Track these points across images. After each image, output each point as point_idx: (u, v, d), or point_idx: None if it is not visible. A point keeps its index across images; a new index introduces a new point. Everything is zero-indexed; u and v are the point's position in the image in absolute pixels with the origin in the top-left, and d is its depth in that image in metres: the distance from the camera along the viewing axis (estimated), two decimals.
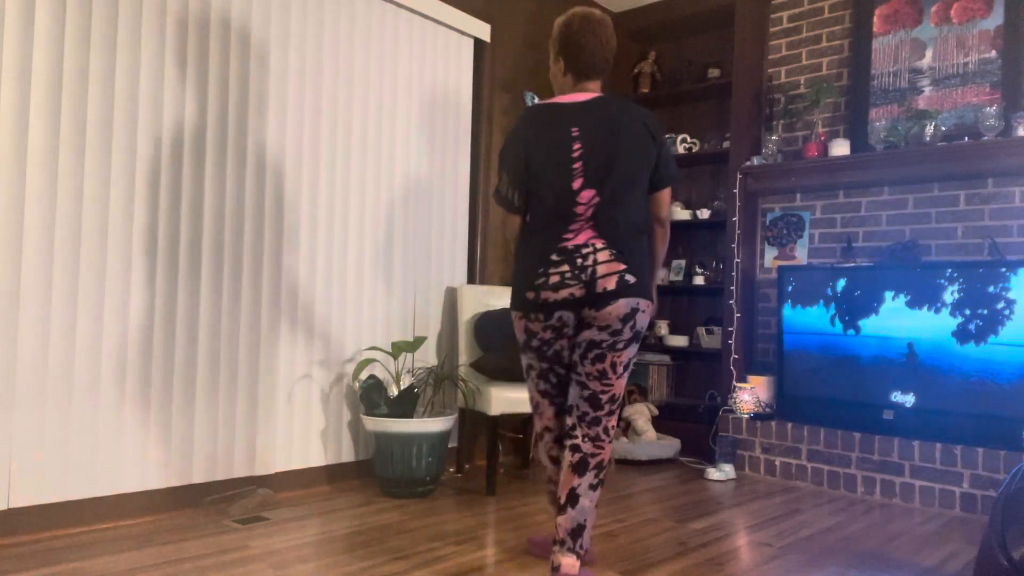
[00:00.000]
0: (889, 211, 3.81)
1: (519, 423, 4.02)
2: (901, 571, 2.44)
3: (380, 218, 3.55)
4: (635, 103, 2.59)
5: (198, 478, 2.89)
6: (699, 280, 4.49)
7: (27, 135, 2.47)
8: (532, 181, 2.21)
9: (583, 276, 2.13)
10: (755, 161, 4.06)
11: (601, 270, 2.13)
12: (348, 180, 3.42)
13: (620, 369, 2.20)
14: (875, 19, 3.90)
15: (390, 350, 3.45)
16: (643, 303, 2.18)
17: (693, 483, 3.65)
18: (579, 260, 2.14)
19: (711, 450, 4.04)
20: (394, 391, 3.47)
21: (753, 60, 4.22)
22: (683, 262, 4.66)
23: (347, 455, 3.41)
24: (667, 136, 4.74)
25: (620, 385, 2.22)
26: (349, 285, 3.42)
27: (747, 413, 3.89)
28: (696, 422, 4.33)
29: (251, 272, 3.06)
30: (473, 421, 3.87)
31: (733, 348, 4.10)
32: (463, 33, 3.94)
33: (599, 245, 2.16)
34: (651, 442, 4.07)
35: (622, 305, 2.14)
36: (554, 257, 2.16)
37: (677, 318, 4.79)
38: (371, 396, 3.22)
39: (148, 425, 2.75)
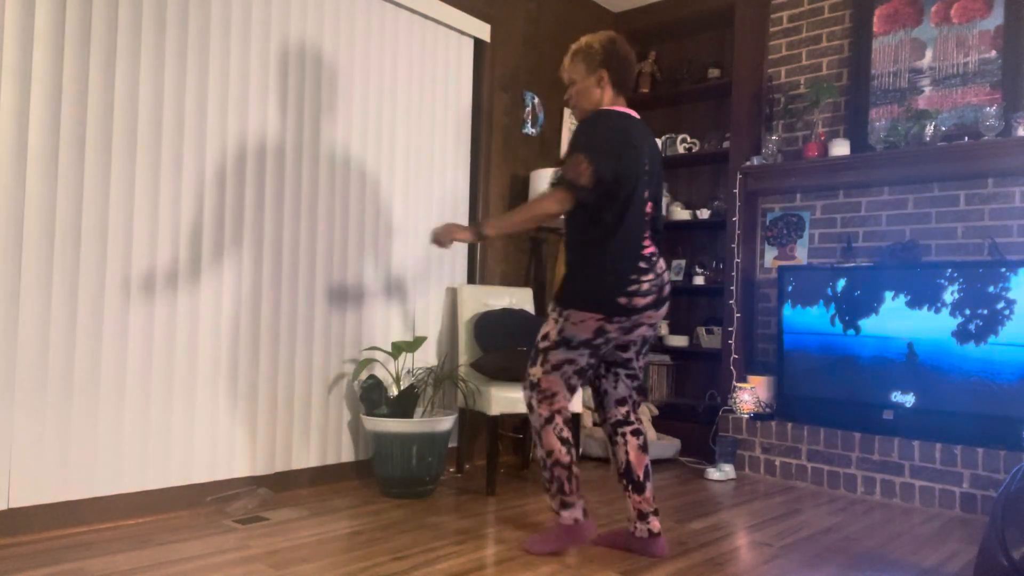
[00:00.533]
0: (889, 211, 3.81)
1: (519, 423, 4.02)
2: (901, 571, 2.44)
3: (380, 217, 3.55)
4: None
5: (198, 478, 2.89)
6: (699, 280, 4.49)
7: (27, 135, 2.47)
8: (621, 188, 2.34)
9: (659, 283, 2.38)
10: (755, 161, 4.06)
11: (666, 278, 2.43)
12: (348, 179, 3.42)
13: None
14: (875, 19, 3.90)
15: (390, 350, 3.45)
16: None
17: (693, 483, 3.65)
18: (658, 269, 2.39)
19: (711, 450, 4.04)
20: (394, 391, 3.47)
21: (753, 60, 4.22)
22: (683, 262, 4.66)
23: (347, 455, 3.41)
24: (667, 136, 4.75)
25: None
26: (349, 285, 3.42)
27: (747, 413, 3.89)
28: (696, 422, 4.33)
29: (251, 272, 3.06)
30: (473, 421, 3.86)
31: (733, 348, 4.10)
32: (463, 33, 3.94)
33: (658, 253, 2.42)
34: (651, 442, 4.07)
35: (666, 307, 2.46)
36: (642, 264, 2.36)
37: (677, 318, 4.79)
38: (371, 396, 3.21)
39: (148, 425, 2.75)
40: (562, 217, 2.46)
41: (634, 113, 2.47)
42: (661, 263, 2.42)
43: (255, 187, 3.07)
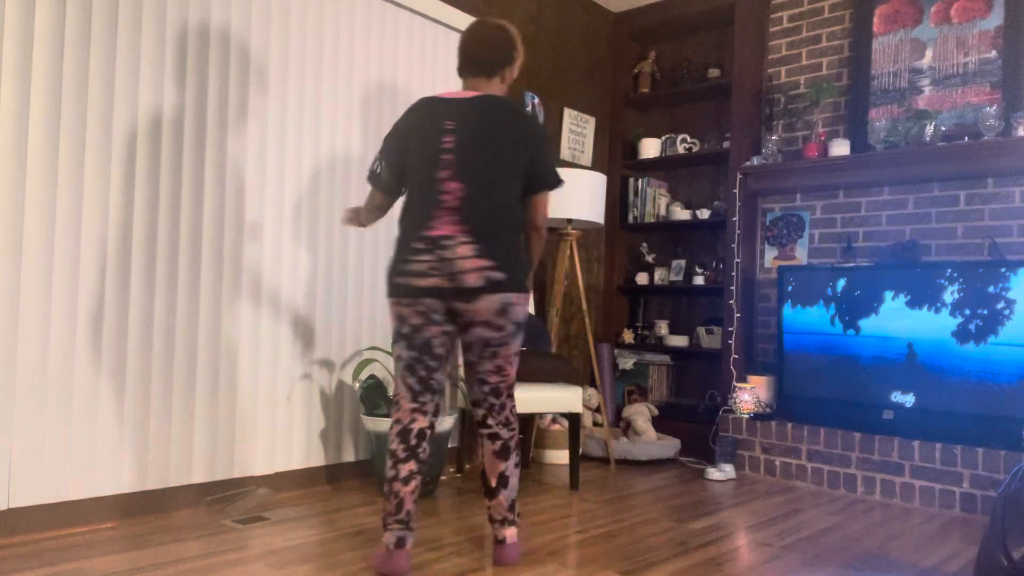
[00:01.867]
0: (889, 211, 3.81)
1: (519, 423, 4.02)
2: (901, 571, 2.44)
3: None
4: (523, 109, 2.76)
5: (198, 478, 2.89)
6: (699, 280, 4.49)
7: (27, 135, 2.47)
8: (406, 168, 2.34)
9: (447, 268, 2.19)
10: (755, 161, 4.06)
11: (465, 265, 2.19)
12: (348, 179, 3.42)
13: (513, 359, 2.35)
14: (875, 19, 3.90)
15: (390, 350, 3.45)
16: (515, 296, 2.26)
17: (693, 483, 3.65)
18: (441, 251, 2.20)
19: (711, 450, 4.04)
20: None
21: (753, 60, 4.22)
22: (683, 262, 4.66)
23: (347, 455, 3.41)
24: (667, 136, 4.74)
25: (514, 373, 2.39)
26: (349, 285, 3.42)
27: (747, 413, 3.89)
28: (696, 422, 4.33)
29: (251, 273, 3.06)
30: (473, 421, 3.86)
31: (733, 348, 4.10)
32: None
33: (462, 238, 2.20)
34: (651, 442, 4.07)
35: (493, 300, 2.21)
36: (418, 245, 2.23)
37: (677, 318, 4.79)
38: (371, 396, 3.22)
39: (148, 425, 2.75)
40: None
41: (469, 93, 2.34)
42: (462, 248, 2.18)
43: (256, 187, 3.07)
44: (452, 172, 2.24)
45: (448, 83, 3.88)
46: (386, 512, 2.24)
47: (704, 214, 4.52)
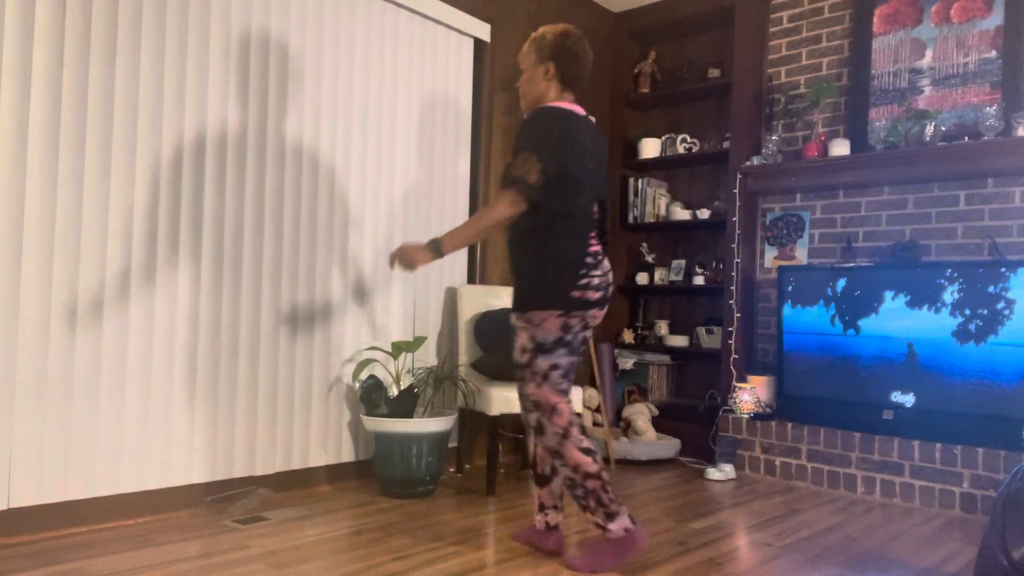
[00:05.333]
0: (889, 211, 3.81)
1: (518, 423, 4.02)
2: (901, 571, 2.44)
3: (380, 217, 3.55)
4: None
5: (198, 478, 2.89)
6: (699, 280, 4.49)
7: (27, 135, 2.47)
8: (565, 184, 2.32)
9: (606, 281, 2.39)
10: (755, 161, 4.06)
11: (611, 278, 2.42)
12: (348, 179, 3.42)
13: None
14: (875, 19, 3.90)
15: (390, 350, 3.45)
16: None
17: (693, 483, 3.65)
18: (604, 267, 2.40)
19: (711, 450, 4.04)
20: (394, 391, 3.47)
21: (753, 60, 4.22)
22: (683, 262, 4.66)
23: (347, 455, 3.41)
24: (667, 136, 4.75)
25: None
26: (349, 285, 3.42)
27: (747, 413, 3.89)
28: (696, 422, 4.33)
29: (251, 273, 3.06)
30: (473, 421, 3.86)
31: (733, 348, 4.10)
32: (463, 33, 3.94)
33: (603, 253, 2.43)
34: (651, 442, 4.07)
35: (606, 308, 2.44)
36: (589, 260, 2.36)
37: (677, 318, 4.79)
38: (371, 396, 3.22)
39: (148, 425, 2.75)
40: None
41: (580, 110, 2.43)
42: (606, 263, 2.42)
43: (256, 186, 3.07)
44: (595, 192, 2.42)
45: (451, 84, 3.88)
46: (607, 503, 2.27)
47: (704, 214, 4.52)
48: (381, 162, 3.56)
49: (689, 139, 4.66)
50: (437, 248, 2.34)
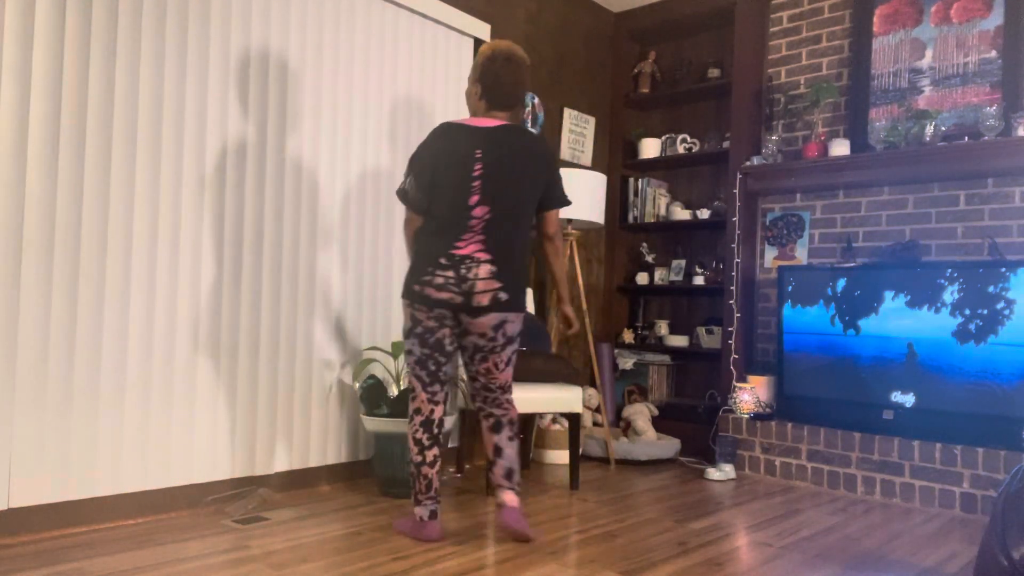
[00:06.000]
0: (889, 211, 3.81)
1: (519, 423, 4.02)
2: (901, 571, 2.44)
3: (380, 217, 3.55)
4: (538, 135, 2.94)
5: (198, 478, 2.89)
6: (699, 280, 4.49)
7: (27, 135, 2.47)
8: (434, 189, 2.50)
9: (463, 286, 2.45)
10: (755, 161, 4.06)
11: (479, 285, 2.46)
12: (348, 180, 3.42)
13: (503, 365, 2.60)
14: (875, 19, 3.90)
15: (390, 350, 3.45)
16: (512, 315, 2.54)
17: (693, 483, 3.65)
18: (463, 270, 2.46)
19: (711, 450, 4.04)
20: (394, 391, 3.47)
21: (753, 60, 4.22)
22: (683, 262, 4.66)
23: (347, 455, 3.41)
24: (667, 136, 4.75)
25: (508, 373, 2.64)
26: (349, 285, 3.42)
27: (747, 413, 3.89)
28: (696, 422, 4.33)
29: (251, 273, 3.06)
30: (473, 421, 3.87)
31: (733, 348, 4.10)
32: (463, 33, 3.94)
33: (482, 259, 2.47)
34: (651, 442, 4.07)
35: (492, 318, 2.50)
36: (442, 260, 2.47)
37: (677, 318, 4.79)
38: (371, 396, 3.22)
39: (148, 425, 2.75)
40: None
41: (492, 122, 2.55)
42: (481, 269, 2.46)
43: (257, 186, 3.08)
44: (480, 197, 2.48)
45: (452, 84, 3.88)
46: (417, 491, 2.55)
47: (704, 214, 4.52)
48: (381, 161, 3.56)
49: (689, 139, 4.66)
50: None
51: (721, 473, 3.72)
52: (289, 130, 3.19)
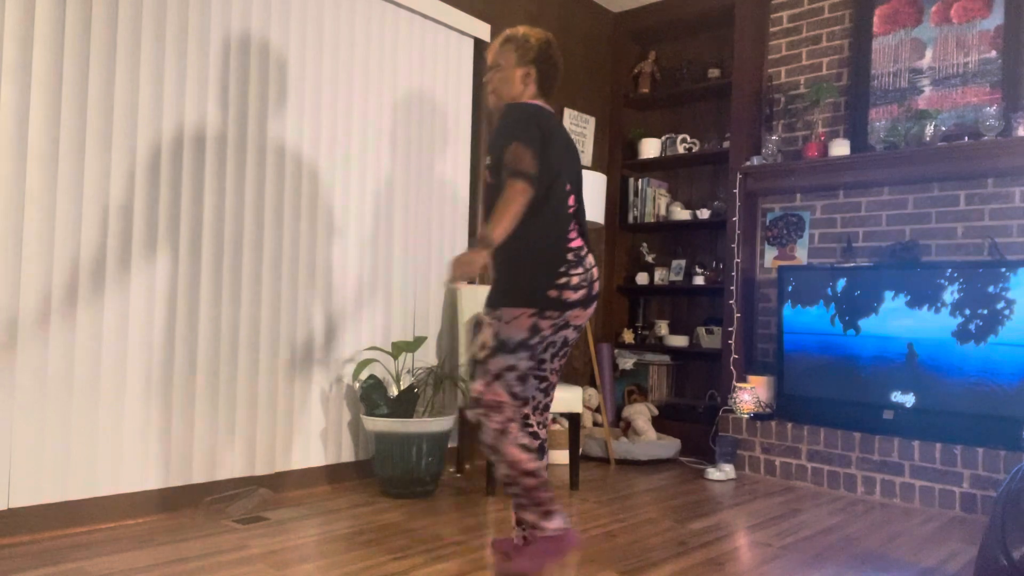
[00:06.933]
0: (889, 211, 3.81)
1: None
2: (901, 571, 2.44)
3: (380, 217, 3.55)
4: None
5: (198, 478, 2.89)
6: (699, 280, 4.49)
7: (27, 135, 2.47)
8: (544, 176, 2.24)
9: (588, 278, 2.28)
10: (755, 161, 4.06)
11: (595, 274, 2.32)
12: (348, 180, 3.42)
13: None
14: (875, 19, 3.90)
15: (390, 350, 3.45)
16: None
17: (693, 483, 3.65)
18: (587, 263, 2.29)
19: (711, 450, 4.04)
20: (394, 391, 3.47)
21: (753, 60, 4.22)
22: (683, 262, 4.66)
23: (347, 455, 3.41)
24: (667, 136, 4.75)
25: None
26: (349, 285, 3.42)
27: (747, 413, 3.89)
28: (696, 422, 4.33)
29: (251, 273, 3.06)
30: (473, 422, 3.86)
31: (733, 348, 4.10)
32: (463, 33, 3.94)
33: (586, 249, 2.33)
34: (651, 442, 4.07)
35: (593, 307, 2.34)
36: (570, 257, 2.27)
37: (677, 318, 4.79)
38: (371, 396, 3.22)
39: (148, 425, 2.75)
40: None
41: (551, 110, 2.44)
42: (590, 258, 2.31)
43: (256, 186, 3.07)
44: (571, 186, 2.35)
45: (451, 84, 3.88)
46: (543, 503, 2.21)
47: (704, 214, 4.52)
48: (381, 161, 3.56)
49: (689, 139, 4.66)
50: (488, 242, 2.18)
51: (721, 473, 3.72)
52: (289, 130, 3.19)
